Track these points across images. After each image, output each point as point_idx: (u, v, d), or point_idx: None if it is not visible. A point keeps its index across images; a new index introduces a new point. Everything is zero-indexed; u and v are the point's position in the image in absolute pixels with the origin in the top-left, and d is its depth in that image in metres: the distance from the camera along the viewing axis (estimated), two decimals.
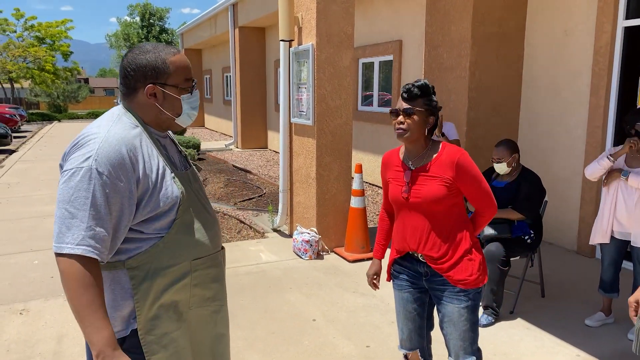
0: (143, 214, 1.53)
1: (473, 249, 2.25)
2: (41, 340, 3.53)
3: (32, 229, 6.27)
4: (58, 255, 1.43)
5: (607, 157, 3.46)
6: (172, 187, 1.58)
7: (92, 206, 1.43)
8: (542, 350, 3.36)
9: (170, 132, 1.77)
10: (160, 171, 1.57)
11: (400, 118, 2.17)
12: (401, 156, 2.32)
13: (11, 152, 14.50)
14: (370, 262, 5.06)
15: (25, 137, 19.37)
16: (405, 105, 2.16)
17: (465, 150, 2.21)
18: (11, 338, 3.56)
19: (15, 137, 18.64)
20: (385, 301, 4.14)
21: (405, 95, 2.16)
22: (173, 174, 1.60)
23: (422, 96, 2.15)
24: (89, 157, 1.45)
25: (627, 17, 4.81)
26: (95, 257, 1.43)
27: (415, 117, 2.15)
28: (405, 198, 2.23)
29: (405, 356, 2.52)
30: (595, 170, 3.55)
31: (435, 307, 2.47)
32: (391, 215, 2.53)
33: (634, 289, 3.60)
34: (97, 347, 1.42)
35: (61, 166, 1.54)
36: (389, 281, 2.48)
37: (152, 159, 1.56)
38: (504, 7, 5.71)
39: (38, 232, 6.11)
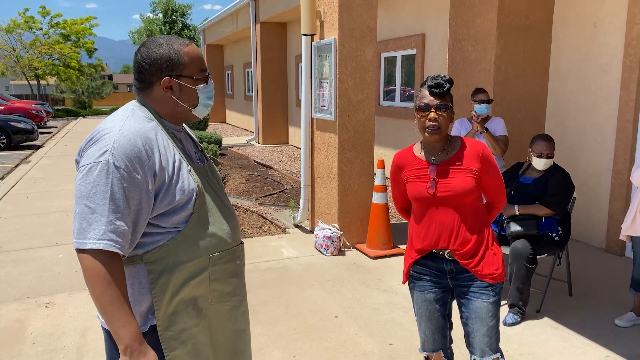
0: (160, 207, 1.52)
1: (494, 242, 2.26)
2: (66, 333, 3.57)
3: (58, 223, 6.36)
4: (80, 251, 1.42)
5: None
6: (188, 180, 1.56)
7: (111, 200, 1.42)
8: (569, 351, 3.28)
9: (185, 125, 1.75)
10: (176, 164, 1.55)
11: (433, 114, 2.10)
12: (418, 154, 2.26)
13: (37, 147, 14.77)
14: (392, 258, 5.03)
15: (51, 132, 19.72)
16: (437, 101, 2.10)
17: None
18: (37, 331, 3.61)
19: (41, 133, 18.99)
20: (408, 298, 4.09)
21: (435, 90, 2.09)
22: (189, 167, 1.59)
23: (449, 91, 2.12)
24: (105, 152, 1.44)
25: None
26: (118, 251, 1.42)
27: (446, 112, 2.11)
28: (431, 194, 2.17)
29: (427, 358, 2.46)
30: None
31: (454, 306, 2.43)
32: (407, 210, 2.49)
33: None
34: (124, 341, 1.41)
35: (77, 162, 1.53)
36: (405, 284, 2.42)
37: (168, 152, 1.55)
38: None
39: (63, 227, 6.20)
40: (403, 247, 5.31)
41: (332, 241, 5.08)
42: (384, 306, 3.96)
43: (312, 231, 5.89)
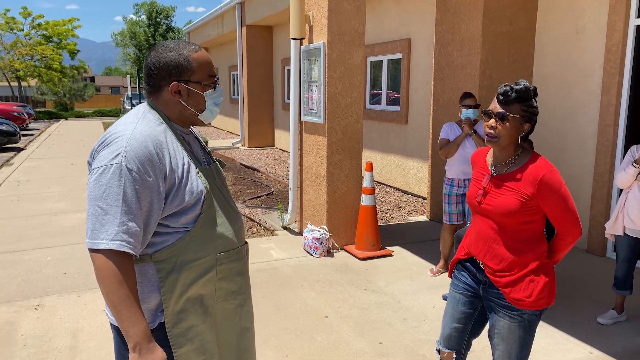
0: (170, 209, 1.56)
1: (540, 270, 2.09)
2: (57, 335, 3.57)
3: (44, 225, 6.32)
4: (93, 251, 1.46)
5: (633, 165, 3.46)
6: (197, 182, 1.61)
7: (123, 202, 1.46)
8: (554, 348, 3.37)
9: (192, 128, 1.79)
10: (185, 166, 1.60)
11: (492, 122, 2.02)
12: (488, 158, 2.20)
13: (20, 149, 14.59)
14: (380, 259, 5.10)
15: (33, 135, 19.47)
16: (499, 109, 2.00)
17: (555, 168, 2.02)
18: (27, 333, 3.60)
19: (23, 135, 18.75)
20: (397, 298, 4.16)
21: (501, 98, 2.00)
22: (197, 169, 1.63)
23: (519, 101, 2.00)
24: (118, 154, 1.48)
25: (639, 16, 4.80)
26: (130, 251, 1.46)
27: (508, 123, 2.00)
28: (478, 202, 2.15)
29: (439, 351, 2.45)
30: (625, 179, 3.53)
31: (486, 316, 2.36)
32: None
33: None
34: (133, 339, 1.45)
35: (89, 163, 1.57)
36: (450, 277, 2.38)
37: (178, 155, 1.59)
38: (514, 5, 5.71)
39: (50, 229, 6.16)
40: (391, 248, 5.39)
41: (321, 243, 5.13)
42: (373, 306, 4.02)
43: (300, 233, 5.94)
